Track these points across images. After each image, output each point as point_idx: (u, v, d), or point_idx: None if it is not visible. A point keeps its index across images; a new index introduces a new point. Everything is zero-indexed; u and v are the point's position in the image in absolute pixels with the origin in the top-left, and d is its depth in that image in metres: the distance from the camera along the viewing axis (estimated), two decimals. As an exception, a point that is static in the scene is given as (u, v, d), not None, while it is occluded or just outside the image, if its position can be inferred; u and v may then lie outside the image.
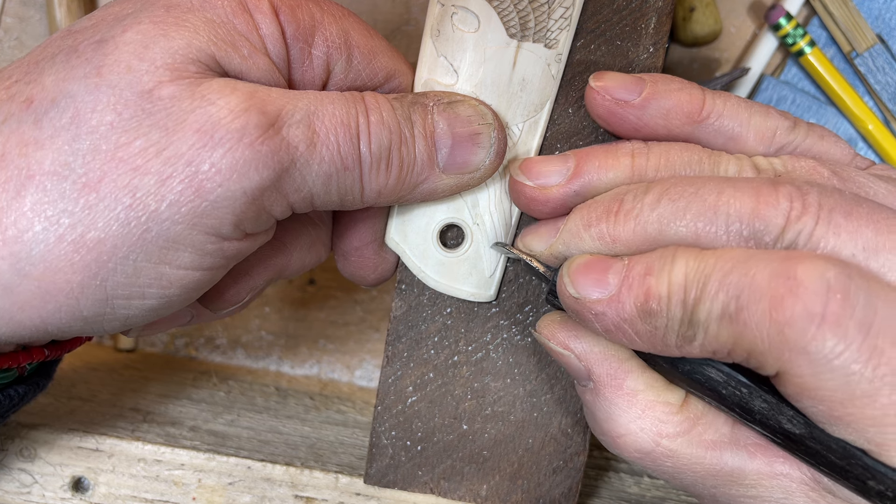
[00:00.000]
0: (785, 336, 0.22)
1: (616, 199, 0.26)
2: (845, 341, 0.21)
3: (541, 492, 0.33)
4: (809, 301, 0.21)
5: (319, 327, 0.46)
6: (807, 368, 0.22)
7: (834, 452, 0.23)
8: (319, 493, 0.33)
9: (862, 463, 0.23)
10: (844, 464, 0.23)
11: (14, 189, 0.24)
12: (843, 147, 0.29)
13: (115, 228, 0.24)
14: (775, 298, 0.22)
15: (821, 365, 0.22)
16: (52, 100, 0.24)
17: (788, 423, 0.24)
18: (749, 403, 0.25)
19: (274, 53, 0.26)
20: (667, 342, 0.24)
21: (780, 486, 0.25)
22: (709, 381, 0.25)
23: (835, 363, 0.21)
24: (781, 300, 0.22)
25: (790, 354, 0.22)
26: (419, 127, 0.28)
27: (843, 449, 0.23)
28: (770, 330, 0.22)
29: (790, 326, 0.21)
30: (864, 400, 0.22)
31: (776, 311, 0.22)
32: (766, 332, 0.22)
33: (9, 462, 0.33)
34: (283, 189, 0.25)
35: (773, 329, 0.22)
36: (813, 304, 0.21)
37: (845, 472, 0.23)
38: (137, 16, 0.25)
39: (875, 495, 0.23)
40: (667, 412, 0.26)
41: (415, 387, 0.33)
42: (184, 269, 0.25)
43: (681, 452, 0.26)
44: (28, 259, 0.24)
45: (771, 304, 0.22)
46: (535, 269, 0.28)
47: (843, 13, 0.40)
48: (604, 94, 0.28)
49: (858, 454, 0.23)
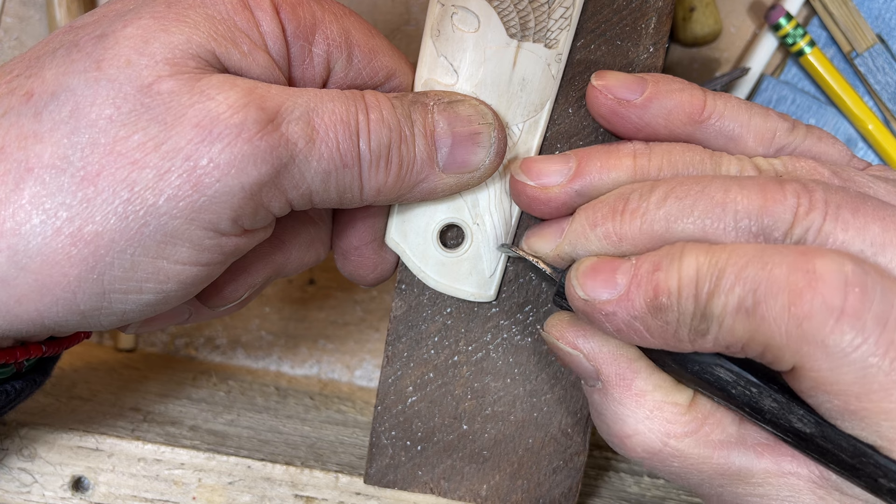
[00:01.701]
0: (803, 329, 0.22)
1: (621, 198, 0.26)
2: (863, 335, 0.21)
3: (541, 492, 0.33)
4: (829, 294, 0.21)
5: (319, 327, 0.46)
6: (824, 362, 0.22)
7: (845, 451, 0.23)
8: (319, 493, 0.33)
9: (873, 461, 0.23)
10: (855, 462, 0.23)
11: (13, 182, 0.24)
12: (840, 148, 0.29)
13: (112, 222, 0.24)
14: (794, 292, 0.22)
15: (838, 358, 0.22)
16: (51, 93, 0.24)
17: (799, 421, 0.24)
18: (759, 403, 0.25)
19: (274, 51, 0.26)
20: (679, 337, 0.24)
21: (788, 484, 0.25)
22: (718, 380, 0.25)
23: (853, 356, 0.22)
24: (801, 294, 0.22)
25: (808, 348, 0.22)
26: (419, 126, 0.28)
27: (854, 447, 0.23)
28: (789, 324, 0.22)
29: (809, 320, 0.22)
30: (881, 394, 0.22)
31: (795, 305, 0.22)
32: (784, 326, 0.22)
33: (9, 461, 0.33)
34: (281, 185, 0.25)
35: (791, 323, 0.22)
36: (832, 297, 0.21)
37: (856, 470, 0.23)
38: (138, 11, 0.25)
39: (886, 493, 0.23)
40: (675, 412, 0.26)
41: (415, 387, 0.33)
42: (181, 265, 0.25)
43: (688, 452, 0.26)
44: (26, 252, 0.24)
45: (790, 298, 0.22)
46: (542, 271, 0.28)
47: (843, 13, 0.40)
48: (606, 93, 0.28)
49: (870, 452, 0.23)
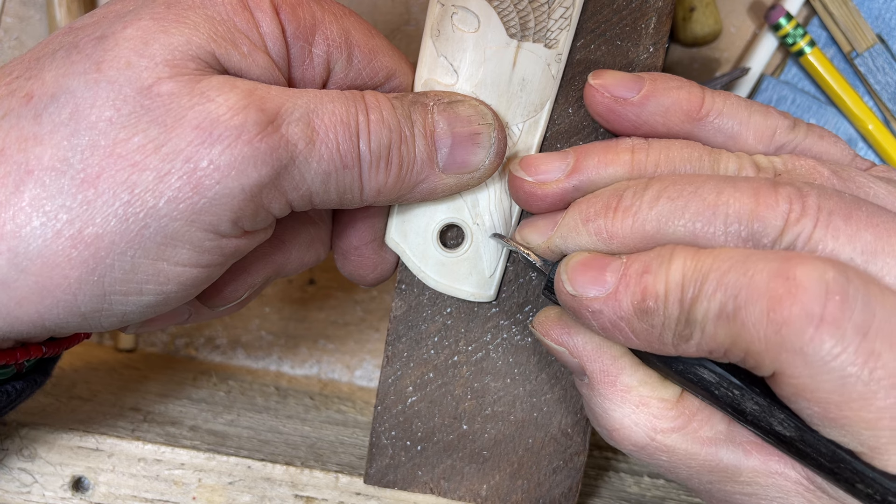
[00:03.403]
0: (782, 336, 0.22)
1: (615, 194, 0.26)
2: (843, 343, 0.21)
3: (541, 492, 0.33)
4: (808, 302, 0.21)
5: (319, 327, 0.46)
6: (803, 369, 0.22)
7: (824, 456, 0.23)
8: (319, 493, 0.33)
9: (851, 467, 0.23)
10: (834, 467, 0.23)
11: (13, 184, 0.24)
12: (842, 147, 0.29)
13: (112, 224, 0.24)
14: (773, 298, 0.22)
15: (817, 366, 0.21)
16: (51, 95, 0.24)
17: (780, 425, 0.24)
18: (741, 405, 0.25)
19: (274, 52, 0.26)
20: (663, 341, 0.24)
21: (776, 484, 0.25)
22: (702, 381, 0.25)
23: (832, 365, 0.21)
24: (780, 300, 0.21)
25: (787, 355, 0.22)
26: (419, 126, 0.28)
27: (833, 453, 0.23)
28: (767, 330, 0.22)
29: (788, 327, 0.21)
30: (860, 403, 0.22)
31: (774, 312, 0.22)
32: (763, 333, 0.22)
33: (9, 461, 0.33)
34: (281, 186, 0.25)
35: (770, 329, 0.22)
36: (811, 305, 0.21)
37: (835, 475, 0.23)
38: (138, 12, 0.25)
39: (864, 497, 0.23)
40: (661, 408, 0.26)
41: (415, 387, 0.33)
42: (182, 266, 0.25)
43: (676, 448, 0.26)
44: (26, 254, 0.24)
45: (769, 305, 0.22)
46: (532, 263, 0.28)
47: (843, 13, 0.40)
48: (603, 91, 0.28)
49: (848, 458, 0.23)
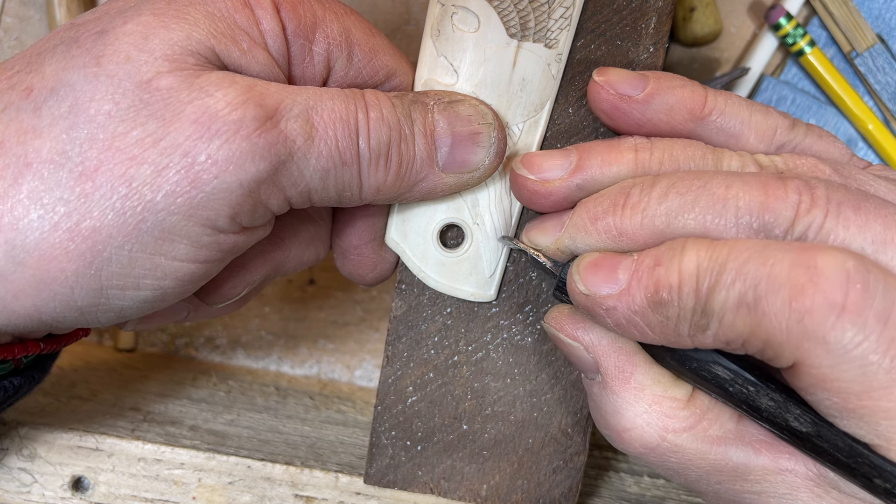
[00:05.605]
0: (804, 325, 0.22)
1: (622, 192, 0.26)
2: (864, 331, 0.21)
3: (541, 492, 0.33)
4: (830, 290, 0.21)
5: (319, 327, 0.46)
6: (824, 359, 0.22)
7: (841, 450, 0.23)
8: (319, 493, 0.33)
9: (868, 461, 0.23)
10: (851, 462, 0.23)
11: (11, 176, 0.24)
12: (840, 147, 0.29)
13: (110, 218, 0.24)
14: (795, 287, 0.22)
15: (839, 355, 0.22)
16: (51, 89, 0.24)
17: (795, 421, 0.24)
18: (756, 401, 0.25)
19: (274, 49, 0.26)
20: (679, 332, 0.24)
21: (785, 481, 0.25)
22: (716, 378, 0.25)
23: (853, 353, 0.21)
24: (802, 289, 0.22)
25: (808, 344, 0.22)
26: (419, 125, 0.28)
27: (851, 447, 0.23)
28: (790, 319, 0.22)
29: (810, 316, 0.21)
30: (880, 392, 0.22)
31: (796, 301, 0.22)
32: (785, 322, 0.22)
33: (9, 461, 0.33)
34: (280, 182, 0.25)
35: (792, 318, 0.22)
36: (834, 293, 0.21)
37: (852, 470, 0.23)
38: (139, 8, 0.25)
39: (882, 493, 0.23)
40: (673, 407, 0.26)
41: (415, 387, 0.33)
42: (179, 261, 0.25)
43: (686, 448, 0.26)
44: (23, 247, 0.24)
45: (791, 294, 0.22)
46: (542, 265, 0.28)
47: (843, 13, 0.40)
48: (608, 88, 0.28)
49: (865, 452, 0.23)
